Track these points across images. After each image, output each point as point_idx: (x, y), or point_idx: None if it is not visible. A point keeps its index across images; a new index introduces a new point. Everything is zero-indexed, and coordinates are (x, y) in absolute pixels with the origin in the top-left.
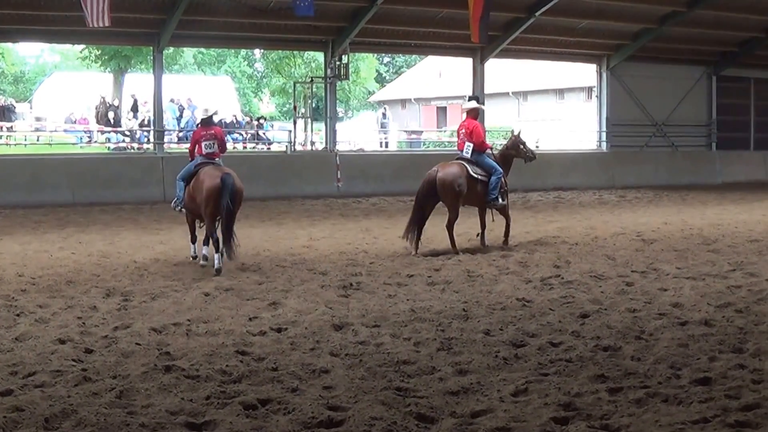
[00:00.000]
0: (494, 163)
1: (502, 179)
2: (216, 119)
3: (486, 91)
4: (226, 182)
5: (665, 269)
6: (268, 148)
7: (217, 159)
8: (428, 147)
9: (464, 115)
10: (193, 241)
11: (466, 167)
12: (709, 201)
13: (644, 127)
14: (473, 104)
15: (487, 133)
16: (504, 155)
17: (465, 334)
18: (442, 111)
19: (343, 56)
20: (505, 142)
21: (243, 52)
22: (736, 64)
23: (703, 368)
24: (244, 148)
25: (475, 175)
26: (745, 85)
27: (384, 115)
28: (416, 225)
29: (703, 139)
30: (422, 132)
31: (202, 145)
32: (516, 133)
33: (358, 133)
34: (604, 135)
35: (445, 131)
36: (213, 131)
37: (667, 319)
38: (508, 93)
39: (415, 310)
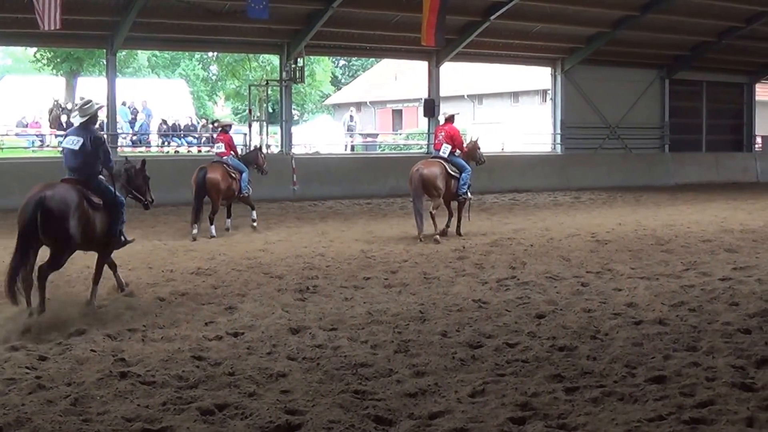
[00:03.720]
0: (464, 163)
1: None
2: (229, 130)
3: (441, 94)
4: (198, 176)
5: (620, 269)
6: None
7: (224, 157)
8: (384, 150)
9: (442, 120)
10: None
11: (445, 166)
12: (662, 202)
13: (598, 129)
14: (445, 113)
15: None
16: (465, 156)
17: (422, 336)
18: (397, 114)
19: (298, 59)
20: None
21: (197, 55)
22: (688, 68)
23: (657, 367)
24: (199, 151)
25: (451, 172)
26: (697, 88)
27: (351, 118)
28: (420, 216)
29: (656, 141)
30: (378, 135)
31: (215, 147)
32: (475, 140)
33: (315, 136)
34: (558, 137)
35: (400, 134)
36: (222, 137)
37: (622, 318)
38: (463, 96)
39: (372, 313)
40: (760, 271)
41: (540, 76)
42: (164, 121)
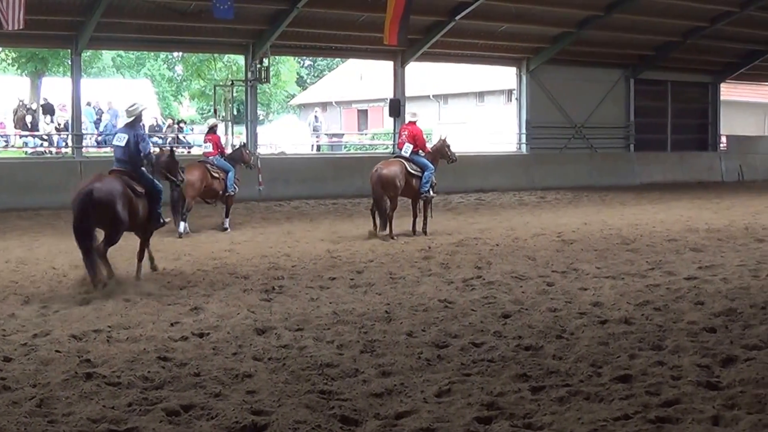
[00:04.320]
0: (427, 162)
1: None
2: (216, 130)
3: (407, 94)
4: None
5: (585, 269)
6: (189, 152)
7: (211, 157)
8: (349, 150)
9: (407, 120)
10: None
11: (404, 165)
12: (627, 201)
13: (563, 129)
14: (414, 114)
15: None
16: (432, 155)
17: (388, 336)
18: (363, 114)
19: (263, 59)
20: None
21: (162, 55)
22: (653, 67)
23: (623, 366)
24: None
25: (412, 171)
26: (661, 87)
27: (316, 118)
28: (383, 217)
29: (621, 141)
30: (343, 135)
31: (203, 146)
32: (443, 138)
33: (280, 136)
34: (524, 137)
35: (366, 134)
36: (210, 137)
37: (588, 318)
38: (428, 96)
39: (337, 313)
40: (725, 270)
41: (505, 75)
42: None
